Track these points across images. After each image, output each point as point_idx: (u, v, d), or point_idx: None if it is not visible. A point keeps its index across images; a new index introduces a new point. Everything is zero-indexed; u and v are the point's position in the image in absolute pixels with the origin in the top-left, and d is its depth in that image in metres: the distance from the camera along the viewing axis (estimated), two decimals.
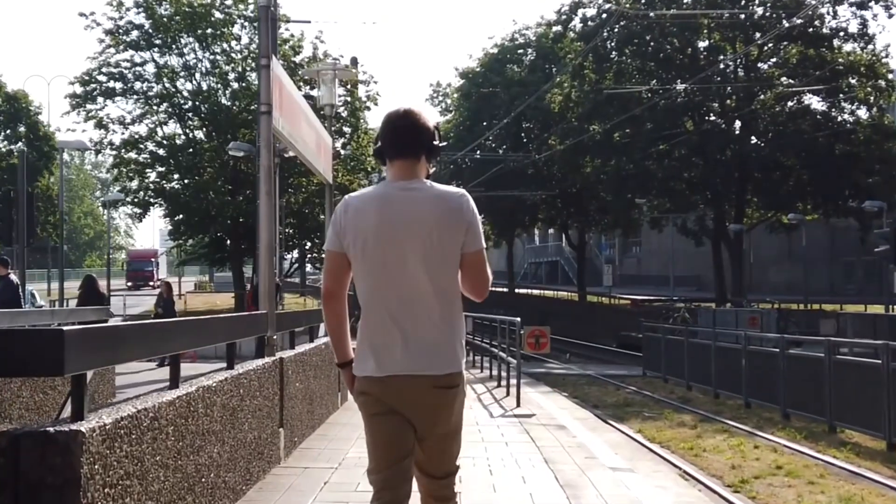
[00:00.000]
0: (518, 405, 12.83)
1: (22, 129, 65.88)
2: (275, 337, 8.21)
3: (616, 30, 43.50)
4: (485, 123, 55.23)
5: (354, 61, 44.08)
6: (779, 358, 15.49)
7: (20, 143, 66.42)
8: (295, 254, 46.66)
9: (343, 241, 3.59)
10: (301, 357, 9.32)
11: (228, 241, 39.54)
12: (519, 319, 14.22)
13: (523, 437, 9.89)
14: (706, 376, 19.48)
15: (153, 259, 73.48)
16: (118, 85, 37.20)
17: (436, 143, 3.69)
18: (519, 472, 7.81)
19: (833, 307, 38.98)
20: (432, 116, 3.76)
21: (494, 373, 17.13)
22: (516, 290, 66.50)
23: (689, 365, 20.85)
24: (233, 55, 38.27)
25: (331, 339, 3.81)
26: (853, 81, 42.95)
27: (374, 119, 42.57)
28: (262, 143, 8.26)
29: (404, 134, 3.65)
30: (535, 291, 67.91)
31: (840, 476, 10.31)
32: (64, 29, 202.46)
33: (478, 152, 54.47)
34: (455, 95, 63.52)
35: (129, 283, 64.76)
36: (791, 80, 43.00)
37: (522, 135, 58.14)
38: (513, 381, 13.67)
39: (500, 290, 69.36)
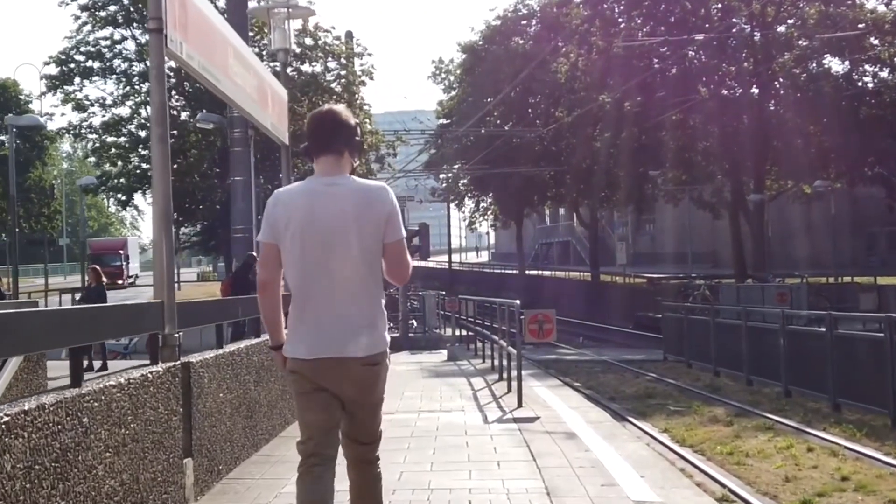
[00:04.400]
0: (519, 405, 10.67)
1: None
2: (176, 335, 6.05)
3: None
4: (489, 99, 52.78)
5: (350, 35, 41.98)
6: (826, 339, 13.26)
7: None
8: None
9: (276, 233, 3.91)
10: (232, 359, 7.19)
11: (220, 229, 37.40)
12: (518, 302, 12.03)
13: (521, 452, 7.73)
14: (736, 361, 17.24)
15: (121, 251, 59.12)
16: (96, 64, 35.02)
17: (357, 138, 4.02)
18: None
19: (865, 280, 36.48)
20: (352, 115, 4.09)
21: (497, 363, 14.95)
22: (527, 273, 64.27)
23: (715, 348, 18.64)
24: None
25: (266, 325, 4.12)
26: (875, 42, 40.45)
27: (369, 94, 40.37)
28: (152, 69, 6.11)
29: (327, 132, 3.98)
30: (547, 273, 65.62)
31: None
32: (55, 16, 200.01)
33: (482, 129, 52.16)
34: (458, 71, 61.06)
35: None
36: (810, 42, 40.40)
37: (529, 110, 55.77)
38: (514, 374, 11.47)
39: (511, 272, 67.24)
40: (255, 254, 16.71)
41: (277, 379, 8.86)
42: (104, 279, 16.84)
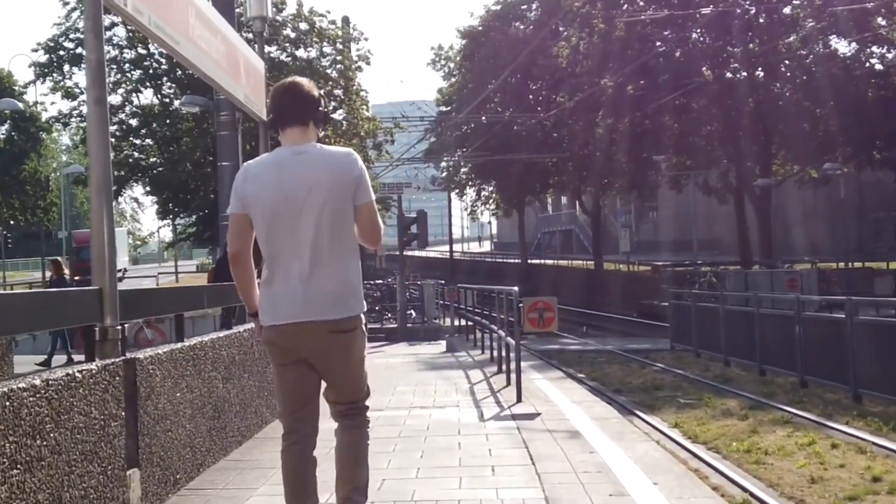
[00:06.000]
0: (519, 400, 9.88)
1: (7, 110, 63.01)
2: (118, 327, 5.26)
3: None
4: (490, 86, 51.87)
5: (346, 20, 41.05)
6: (846, 326, 12.45)
7: (5, 125, 64.00)
8: None
9: (246, 204, 4.02)
10: (193, 353, 6.39)
11: (216, 218, 36.53)
12: (516, 289, 11.20)
13: (519, 454, 6.94)
14: (748, 349, 16.43)
15: None
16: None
17: (321, 109, 4.14)
18: None
19: (877, 265, 35.52)
20: (316, 87, 4.23)
21: (496, 354, 14.14)
22: (529, 262, 63.40)
23: (725, 336, 17.83)
24: None
25: (241, 295, 4.22)
26: (882, 22, 39.49)
27: (368, 83, 39.40)
28: (87, 21, 5.32)
29: (291, 103, 4.10)
30: (549, 262, 64.75)
31: None
32: (47, 4, 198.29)
33: (483, 117, 51.21)
34: (457, 58, 60.09)
35: (77, 276, 40.94)
36: (816, 21, 39.38)
37: (529, 96, 54.86)
38: (514, 366, 10.66)
39: (513, 261, 66.34)
40: None
41: (252, 374, 8.08)
42: (66, 271, 16.18)
